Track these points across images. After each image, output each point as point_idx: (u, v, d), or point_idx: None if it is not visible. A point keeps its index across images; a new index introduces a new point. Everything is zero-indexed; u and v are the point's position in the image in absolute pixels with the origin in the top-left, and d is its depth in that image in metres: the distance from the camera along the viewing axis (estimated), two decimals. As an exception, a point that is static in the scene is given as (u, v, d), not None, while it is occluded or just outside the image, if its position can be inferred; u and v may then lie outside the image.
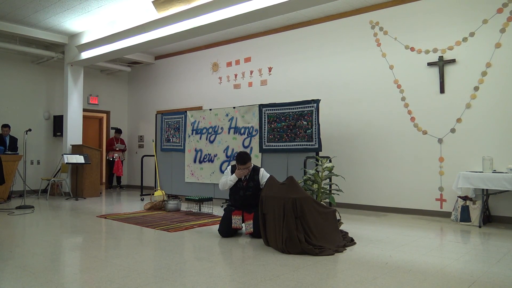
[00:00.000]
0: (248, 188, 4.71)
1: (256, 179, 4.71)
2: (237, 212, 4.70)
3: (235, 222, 4.67)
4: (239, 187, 4.75)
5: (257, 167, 4.82)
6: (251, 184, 4.70)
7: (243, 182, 4.74)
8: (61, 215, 6.46)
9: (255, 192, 4.65)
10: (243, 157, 4.68)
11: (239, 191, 4.74)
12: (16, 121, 9.06)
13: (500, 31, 5.72)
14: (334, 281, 3.10)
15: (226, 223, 4.70)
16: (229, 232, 4.69)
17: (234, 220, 4.67)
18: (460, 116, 6.03)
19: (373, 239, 4.53)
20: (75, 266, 3.65)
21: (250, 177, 4.72)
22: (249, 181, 4.72)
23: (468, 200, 5.57)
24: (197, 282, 3.00)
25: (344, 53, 7.24)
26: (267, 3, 5.55)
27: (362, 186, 6.91)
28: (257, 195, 4.57)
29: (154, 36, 7.13)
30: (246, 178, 4.74)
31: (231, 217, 4.69)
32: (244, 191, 4.72)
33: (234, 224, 4.66)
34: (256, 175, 4.72)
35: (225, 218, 4.74)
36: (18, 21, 7.82)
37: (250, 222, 4.61)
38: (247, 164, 4.67)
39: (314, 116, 6.26)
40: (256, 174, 4.73)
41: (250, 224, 4.62)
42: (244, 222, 4.68)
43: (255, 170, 4.76)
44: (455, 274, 3.22)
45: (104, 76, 11.17)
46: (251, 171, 4.73)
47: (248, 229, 4.64)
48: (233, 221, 4.68)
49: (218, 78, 9.19)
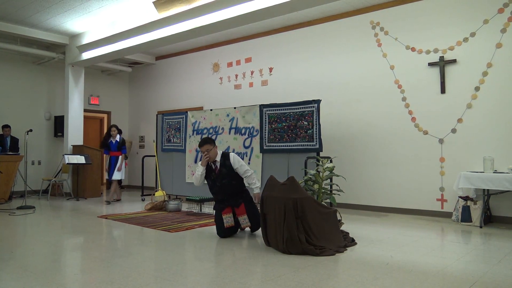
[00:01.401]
0: (222, 176, 4.57)
1: (228, 164, 4.57)
2: (227, 210, 4.57)
3: (227, 221, 4.53)
4: (213, 178, 4.62)
5: (227, 152, 4.71)
6: (223, 170, 4.58)
7: (214, 170, 4.62)
8: (62, 215, 6.46)
9: (231, 179, 4.54)
10: (201, 140, 4.64)
11: (215, 183, 4.61)
12: (17, 121, 9.07)
13: (501, 31, 5.71)
14: (335, 281, 3.10)
15: (219, 224, 4.60)
16: (225, 232, 4.59)
17: (225, 220, 4.54)
18: (461, 116, 6.02)
19: (374, 240, 4.53)
20: (76, 266, 3.65)
21: (221, 164, 4.60)
22: (221, 168, 4.59)
23: (469, 200, 5.57)
24: (198, 283, 3.00)
25: (345, 53, 7.24)
26: (267, 4, 5.55)
27: (363, 186, 6.91)
28: (235, 182, 4.51)
29: (155, 37, 7.14)
30: (216, 166, 4.62)
31: (222, 217, 4.56)
32: (220, 180, 4.58)
33: (226, 223, 4.53)
34: (227, 160, 4.59)
35: (217, 219, 4.64)
36: (19, 21, 7.83)
37: (244, 216, 4.55)
38: (205, 147, 4.54)
39: (315, 116, 6.25)
40: (227, 159, 4.60)
41: (245, 219, 4.55)
42: (238, 217, 4.58)
43: (225, 156, 4.64)
44: (456, 275, 3.22)
45: (105, 77, 11.18)
46: (221, 158, 4.62)
47: (244, 224, 4.57)
48: (224, 221, 4.54)
49: (219, 79, 9.19)
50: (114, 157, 8.05)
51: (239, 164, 4.60)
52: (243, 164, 4.65)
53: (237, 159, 4.63)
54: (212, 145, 4.61)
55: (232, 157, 4.64)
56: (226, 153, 4.72)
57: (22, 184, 8.04)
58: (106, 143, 8.07)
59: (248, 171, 4.66)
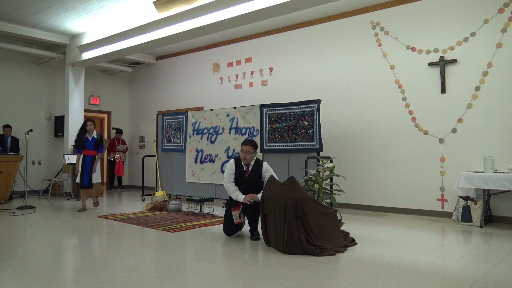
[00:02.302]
0: (248, 180, 4.65)
1: (259, 171, 4.64)
2: (238, 207, 4.61)
3: (236, 217, 4.59)
4: (240, 179, 4.68)
5: (261, 160, 4.77)
6: (251, 176, 4.65)
7: (244, 173, 4.68)
8: (62, 215, 6.46)
9: (254, 185, 4.61)
10: (247, 139, 4.76)
11: (240, 184, 4.67)
12: (18, 121, 9.07)
13: (501, 31, 5.71)
14: (335, 281, 3.10)
15: (227, 221, 4.66)
16: (231, 229, 4.65)
17: (234, 216, 4.59)
18: (461, 116, 6.02)
19: (374, 239, 4.52)
20: (76, 266, 3.65)
21: (253, 170, 4.67)
22: (251, 173, 4.67)
23: (469, 200, 5.57)
24: (198, 283, 3.00)
25: (345, 53, 7.23)
26: (268, 4, 5.55)
27: (363, 186, 6.91)
28: (257, 188, 4.55)
29: (155, 37, 7.13)
30: (248, 169, 4.69)
31: (231, 213, 4.62)
32: (245, 184, 4.64)
33: (235, 219, 4.59)
34: (259, 168, 4.66)
35: (226, 215, 4.69)
36: (20, 21, 7.83)
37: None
38: (247, 147, 4.61)
39: (315, 116, 6.25)
40: (259, 167, 4.67)
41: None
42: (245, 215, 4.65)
43: (258, 163, 4.70)
44: (457, 275, 3.22)
45: (105, 77, 11.18)
46: (254, 164, 4.68)
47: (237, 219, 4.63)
48: (234, 217, 4.60)
49: (219, 79, 9.19)
50: (90, 157, 6.79)
51: (267, 173, 4.65)
52: (271, 173, 4.66)
53: (269, 169, 4.70)
54: (254, 148, 4.68)
55: (265, 166, 4.70)
56: (260, 161, 4.77)
57: (22, 184, 8.04)
58: (81, 140, 6.80)
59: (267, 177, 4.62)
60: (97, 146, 6.87)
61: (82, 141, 6.79)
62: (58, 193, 9.05)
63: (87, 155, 6.81)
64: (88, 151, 6.82)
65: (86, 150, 6.80)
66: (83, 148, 6.79)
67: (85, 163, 6.77)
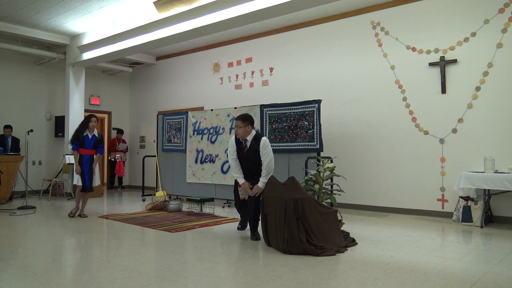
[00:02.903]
0: (247, 158, 4.68)
1: (256, 148, 4.62)
2: None
3: (242, 193, 4.76)
4: (241, 157, 4.74)
5: (260, 136, 4.70)
6: (250, 153, 4.65)
7: (243, 150, 4.70)
8: (62, 215, 6.46)
9: (255, 163, 4.63)
10: (239, 115, 4.74)
11: (241, 161, 4.76)
12: (18, 121, 9.08)
13: (502, 31, 5.71)
14: (336, 281, 3.10)
15: (235, 196, 4.90)
16: (240, 203, 4.88)
17: (240, 192, 4.78)
18: (462, 116, 6.02)
19: (374, 240, 4.52)
20: (77, 266, 3.65)
21: (251, 146, 4.65)
22: (249, 150, 4.66)
23: (469, 200, 5.56)
24: (198, 283, 3.00)
25: (345, 53, 7.23)
26: (268, 4, 5.55)
27: (364, 186, 6.90)
28: (258, 164, 4.59)
29: (156, 37, 7.14)
30: (246, 145, 4.69)
31: (239, 189, 4.80)
32: (245, 162, 4.71)
33: (241, 195, 4.77)
34: (257, 145, 4.62)
35: (235, 191, 4.91)
36: (20, 22, 7.84)
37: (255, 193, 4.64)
38: (236, 122, 4.63)
39: (316, 116, 6.25)
40: (257, 144, 4.62)
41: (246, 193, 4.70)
42: None
43: (257, 139, 4.65)
44: (457, 275, 3.22)
45: (106, 77, 11.19)
46: (253, 140, 4.65)
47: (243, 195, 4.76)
48: (240, 192, 4.79)
49: (220, 79, 9.20)
50: (88, 157, 6.09)
51: (264, 150, 4.58)
52: (268, 152, 4.58)
53: (266, 145, 4.59)
54: (244, 122, 4.62)
55: (263, 141, 4.62)
56: (259, 136, 4.71)
57: (23, 184, 8.05)
58: (79, 137, 6.06)
59: (266, 160, 4.55)
60: (97, 146, 6.21)
61: (80, 137, 6.07)
62: (58, 193, 9.06)
63: (85, 155, 6.09)
64: (86, 150, 6.10)
65: (83, 149, 6.09)
66: (81, 146, 6.08)
67: (83, 164, 6.06)
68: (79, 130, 6.15)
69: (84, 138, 6.08)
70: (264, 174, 4.55)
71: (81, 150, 6.09)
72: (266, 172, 4.54)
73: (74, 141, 6.07)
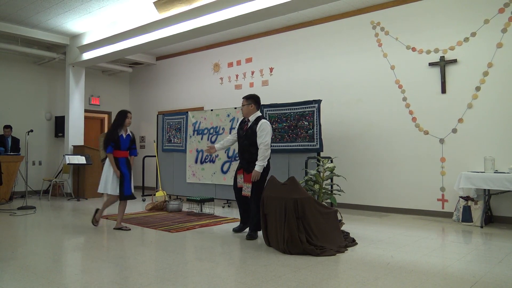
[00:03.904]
0: (246, 136, 4.72)
1: (254, 128, 4.64)
2: (240, 171, 4.78)
3: (239, 181, 4.77)
4: (241, 135, 4.80)
5: (261, 118, 4.74)
6: (249, 132, 4.70)
7: (244, 127, 4.78)
8: (62, 215, 6.46)
9: (250, 145, 4.63)
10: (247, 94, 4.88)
11: (240, 140, 4.81)
12: (18, 122, 9.08)
13: (502, 31, 5.71)
14: (336, 281, 3.10)
15: (236, 192, 4.86)
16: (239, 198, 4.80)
17: (238, 179, 4.79)
18: (462, 116, 6.02)
19: (374, 240, 4.52)
20: (77, 266, 3.65)
21: (251, 126, 4.70)
22: (249, 128, 4.72)
23: (469, 200, 5.56)
24: (198, 283, 3.00)
25: (346, 54, 7.23)
26: (268, 4, 5.56)
27: (364, 186, 6.90)
28: (253, 150, 4.59)
29: (156, 37, 7.14)
30: (247, 124, 4.75)
31: (237, 176, 4.81)
32: (243, 140, 4.76)
33: (239, 183, 4.77)
34: (256, 125, 4.65)
35: (234, 187, 4.89)
36: (20, 22, 7.84)
37: (249, 185, 4.61)
38: (242, 101, 4.79)
39: (316, 116, 6.25)
40: (256, 124, 4.66)
41: (248, 187, 4.63)
42: (244, 182, 4.69)
43: (257, 120, 4.70)
44: (457, 275, 3.22)
45: (106, 77, 11.19)
46: (254, 121, 4.70)
47: (245, 191, 4.66)
48: (238, 179, 4.79)
49: (220, 79, 9.20)
50: (124, 160, 5.22)
51: (261, 132, 4.57)
52: (265, 134, 4.55)
53: (264, 127, 4.58)
54: (249, 101, 4.77)
55: (261, 122, 4.64)
56: (261, 118, 4.75)
57: (23, 185, 8.05)
58: (114, 138, 5.12)
59: (263, 144, 4.52)
60: (131, 148, 5.35)
61: (114, 138, 5.11)
62: (58, 193, 9.06)
63: (120, 158, 5.18)
64: (122, 152, 5.19)
65: (118, 151, 5.16)
66: (116, 148, 5.14)
67: (121, 167, 5.16)
68: (114, 129, 5.18)
69: (119, 138, 5.15)
70: (260, 158, 4.53)
71: (116, 152, 5.15)
72: (262, 157, 4.53)
73: (110, 143, 5.09)
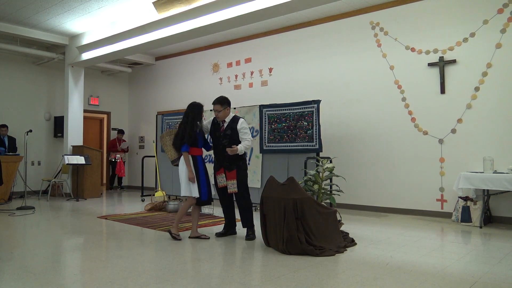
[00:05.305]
0: (224, 136, 4.61)
1: (234, 127, 4.60)
2: (221, 171, 4.64)
3: (220, 181, 4.64)
4: (217, 136, 4.67)
5: (238, 117, 4.72)
6: (228, 132, 4.61)
7: (220, 128, 4.67)
8: (62, 216, 6.46)
9: (231, 143, 4.53)
10: (216, 98, 4.66)
11: (218, 141, 4.63)
12: (17, 122, 9.07)
13: (501, 31, 5.72)
14: (335, 281, 3.10)
15: (220, 194, 4.73)
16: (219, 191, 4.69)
17: (218, 180, 4.66)
18: (461, 116, 6.03)
19: (373, 240, 4.53)
20: (76, 267, 3.65)
21: (228, 125, 4.64)
22: (226, 128, 4.63)
23: (469, 200, 5.57)
24: (198, 283, 3.00)
25: (345, 54, 7.24)
26: (267, 4, 5.56)
27: (363, 186, 6.91)
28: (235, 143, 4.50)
29: (155, 37, 7.14)
30: (223, 125, 4.66)
31: (217, 176, 4.68)
32: (221, 140, 4.60)
33: (219, 183, 4.64)
34: (235, 123, 4.61)
35: (214, 180, 4.72)
36: (19, 22, 7.83)
37: (234, 181, 4.57)
38: (215, 107, 4.61)
39: (315, 116, 6.25)
40: (235, 122, 4.62)
41: (233, 184, 4.57)
42: (227, 181, 4.60)
43: (235, 119, 4.66)
44: (456, 275, 3.22)
45: (105, 77, 11.18)
46: (230, 120, 4.64)
47: (231, 188, 4.58)
48: (218, 180, 4.66)
49: (219, 79, 9.19)
50: (201, 158, 4.59)
51: (244, 130, 4.57)
52: (247, 131, 4.60)
53: (245, 125, 4.62)
54: (222, 106, 4.61)
55: (240, 121, 4.63)
56: (237, 117, 4.73)
57: (22, 185, 8.04)
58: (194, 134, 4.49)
59: (248, 140, 4.55)
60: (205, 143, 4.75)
61: (195, 134, 4.49)
62: (57, 194, 9.05)
63: (198, 156, 4.56)
64: (198, 150, 4.59)
65: (195, 148, 4.53)
66: (193, 145, 4.50)
67: (199, 167, 4.51)
68: (194, 125, 4.50)
69: (197, 135, 4.54)
70: (244, 144, 4.51)
71: (193, 149, 4.53)
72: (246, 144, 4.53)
73: (188, 142, 4.45)
